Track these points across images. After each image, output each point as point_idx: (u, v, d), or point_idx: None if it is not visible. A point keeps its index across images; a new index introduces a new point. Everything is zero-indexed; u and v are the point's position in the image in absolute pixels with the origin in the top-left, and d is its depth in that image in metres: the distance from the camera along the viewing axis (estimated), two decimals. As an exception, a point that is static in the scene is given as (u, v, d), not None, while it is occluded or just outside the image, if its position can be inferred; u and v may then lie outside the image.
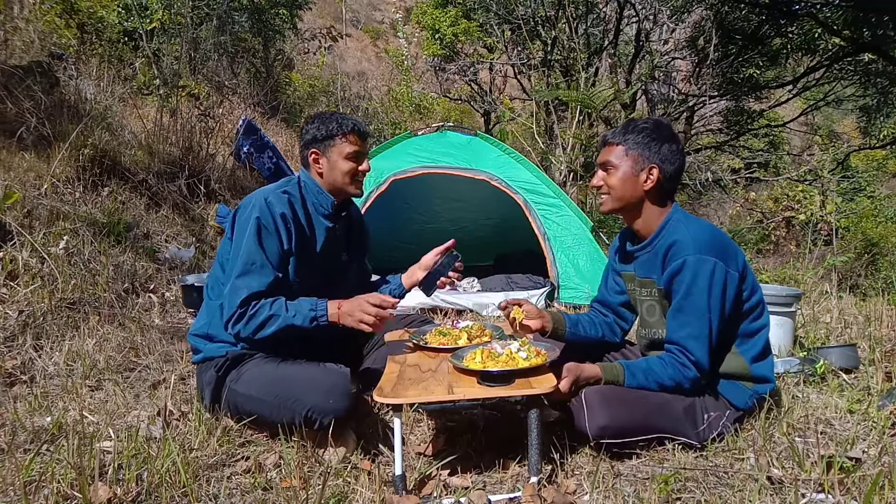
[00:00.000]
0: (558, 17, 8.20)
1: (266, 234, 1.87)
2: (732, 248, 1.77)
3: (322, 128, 2.01)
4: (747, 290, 1.80)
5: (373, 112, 10.21)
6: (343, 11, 19.71)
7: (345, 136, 2.01)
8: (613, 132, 1.87)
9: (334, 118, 2.03)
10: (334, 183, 2.04)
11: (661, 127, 1.85)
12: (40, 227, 3.27)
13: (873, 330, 3.05)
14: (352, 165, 2.02)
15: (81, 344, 2.61)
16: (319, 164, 2.03)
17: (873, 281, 6.76)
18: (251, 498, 1.55)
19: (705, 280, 1.69)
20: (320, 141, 2.01)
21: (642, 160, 1.81)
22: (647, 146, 1.81)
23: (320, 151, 2.02)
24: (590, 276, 3.87)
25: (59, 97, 4.59)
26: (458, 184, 4.23)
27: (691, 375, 1.73)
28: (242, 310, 1.82)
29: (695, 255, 1.69)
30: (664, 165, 1.80)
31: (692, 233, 1.74)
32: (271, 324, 1.82)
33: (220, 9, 7.42)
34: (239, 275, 1.83)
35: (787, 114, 11.42)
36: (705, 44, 8.02)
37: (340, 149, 2.01)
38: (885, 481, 1.46)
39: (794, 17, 7.42)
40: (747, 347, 1.82)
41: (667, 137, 1.82)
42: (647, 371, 1.76)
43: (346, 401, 1.71)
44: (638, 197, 1.84)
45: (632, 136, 1.82)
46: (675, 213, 1.83)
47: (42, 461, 1.64)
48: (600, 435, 1.67)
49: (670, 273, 1.74)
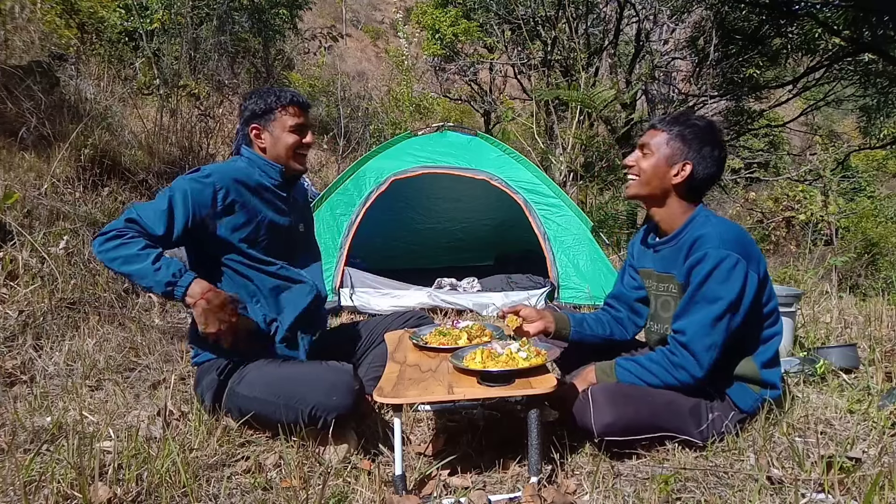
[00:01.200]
0: (558, 17, 8.20)
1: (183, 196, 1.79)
2: (756, 252, 1.75)
3: (261, 102, 1.98)
4: (766, 296, 1.78)
5: (373, 112, 10.20)
6: (343, 11, 19.71)
7: (284, 109, 1.98)
8: (662, 118, 1.86)
9: (272, 91, 2.00)
10: (277, 158, 2.01)
11: (712, 130, 1.82)
12: (40, 227, 3.27)
13: (873, 330, 3.05)
14: (295, 138, 2.00)
15: (81, 344, 2.61)
16: (262, 139, 2.00)
17: (873, 281, 6.75)
18: (251, 498, 1.54)
19: (725, 273, 1.66)
20: (260, 116, 1.99)
21: (680, 154, 1.79)
22: (690, 142, 1.79)
23: (261, 126, 1.99)
24: (590, 276, 3.87)
25: (59, 97, 4.59)
26: (458, 184, 4.23)
27: (682, 378, 1.70)
28: (120, 231, 1.70)
29: (718, 249, 1.67)
30: (699, 166, 1.79)
31: (718, 229, 1.72)
32: (131, 262, 1.67)
33: (220, 9, 7.42)
34: (139, 206, 1.76)
35: (787, 114, 11.42)
36: (705, 44, 8.02)
37: (282, 122, 1.98)
38: (885, 481, 1.46)
39: (794, 17, 7.42)
40: (759, 352, 1.81)
41: (713, 141, 1.80)
42: (640, 372, 1.76)
43: (349, 397, 1.71)
44: (663, 188, 1.82)
45: (679, 127, 1.81)
46: (701, 211, 1.82)
47: (42, 461, 1.64)
48: (605, 432, 1.66)
49: (690, 264, 1.71)
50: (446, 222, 5.19)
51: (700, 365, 1.69)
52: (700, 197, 1.86)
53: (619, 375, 1.78)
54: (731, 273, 1.66)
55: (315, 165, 8.19)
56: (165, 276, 1.69)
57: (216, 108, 6.11)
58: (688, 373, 1.70)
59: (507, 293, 3.91)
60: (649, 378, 1.74)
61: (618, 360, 1.82)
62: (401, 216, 4.92)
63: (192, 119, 5.33)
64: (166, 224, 1.77)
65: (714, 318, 1.67)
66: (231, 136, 6.25)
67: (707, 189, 1.86)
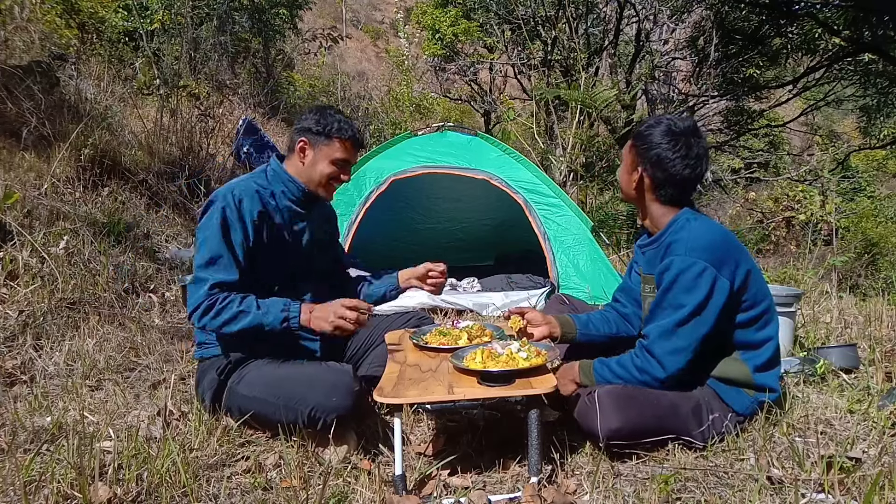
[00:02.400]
0: (558, 17, 8.20)
1: (230, 228, 1.84)
2: (733, 256, 1.73)
3: (322, 122, 1.97)
4: (749, 300, 1.76)
5: (373, 112, 10.21)
6: (343, 11, 19.73)
7: (341, 141, 1.98)
8: (639, 125, 1.91)
9: (336, 119, 1.99)
10: (310, 179, 2.01)
11: (677, 133, 1.78)
12: (40, 227, 3.27)
13: (873, 330, 3.05)
14: (335, 171, 2.00)
15: (81, 344, 2.61)
16: (304, 155, 1.99)
17: (873, 281, 6.76)
18: (251, 498, 1.55)
19: (689, 281, 1.67)
20: (314, 134, 1.98)
21: (634, 162, 1.85)
22: (639, 149, 1.83)
23: (311, 144, 1.99)
24: (590, 275, 3.87)
25: (60, 97, 4.59)
26: (458, 184, 4.23)
27: (646, 380, 1.72)
28: (210, 301, 1.77)
29: (684, 256, 1.68)
30: (654, 171, 1.80)
31: (692, 234, 1.73)
32: (240, 320, 1.78)
33: (221, 9, 7.43)
34: (204, 265, 1.80)
35: (787, 114, 11.42)
36: (705, 44, 8.02)
37: (331, 150, 1.98)
38: (885, 481, 1.46)
39: (794, 17, 7.42)
40: (751, 356, 1.80)
41: (669, 144, 1.77)
42: (611, 376, 1.77)
43: (349, 399, 1.71)
44: (632, 194, 1.89)
45: (642, 133, 1.84)
46: (683, 214, 1.82)
47: (42, 461, 1.64)
48: (612, 437, 1.66)
49: (660, 270, 1.75)
50: (446, 222, 5.19)
51: (663, 368, 1.70)
52: (681, 199, 1.84)
53: (596, 378, 1.80)
54: (696, 281, 1.67)
55: (315, 165, 8.18)
56: (276, 316, 1.79)
57: (216, 108, 6.11)
58: (650, 376, 1.72)
59: (507, 293, 3.90)
60: (620, 382, 1.76)
61: (595, 363, 1.83)
62: (401, 216, 4.92)
63: (192, 119, 5.33)
64: (235, 265, 1.83)
65: (676, 323, 1.69)
66: (231, 135, 6.25)
67: (685, 190, 1.82)
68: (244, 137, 6.11)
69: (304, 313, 1.82)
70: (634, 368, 1.74)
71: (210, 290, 1.78)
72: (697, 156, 1.79)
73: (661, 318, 1.72)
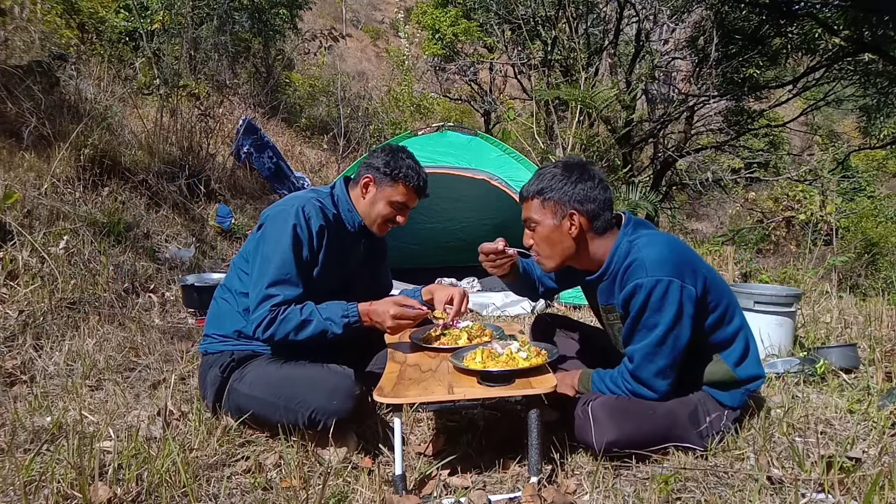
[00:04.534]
0: (558, 16, 8.20)
1: (301, 245, 1.88)
2: (689, 262, 1.72)
3: (391, 164, 2.00)
4: (713, 301, 1.75)
5: (373, 112, 10.21)
6: (343, 11, 19.74)
7: (406, 187, 2.01)
8: (527, 185, 1.83)
9: (406, 164, 2.01)
10: (366, 215, 2.05)
11: (570, 167, 1.79)
12: (40, 227, 3.27)
13: (873, 330, 3.05)
14: (391, 213, 2.04)
15: (81, 344, 2.61)
16: (367, 190, 2.03)
17: (873, 281, 6.76)
18: (251, 498, 1.55)
19: (658, 300, 1.65)
20: (382, 174, 2.01)
21: (561, 209, 1.76)
22: (560, 192, 1.76)
23: (376, 182, 2.02)
24: (590, 276, 3.87)
25: (60, 97, 4.59)
26: (458, 184, 4.23)
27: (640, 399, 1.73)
28: (273, 315, 1.81)
29: (647, 278, 1.65)
30: (585, 206, 1.76)
31: (646, 252, 1.68)
32: (305, 328, 1.81)
33: (221, 9, 7.42)
34: (273, 283, 1.83)
35: (787, 114, 11.41)
36: (705, 44, 8.02)
37: (393, 192, 2.01)
38: (885, 481, 1.46)
39: (794, 17, 7.42)
40: (727, 353, 1.80)
41: (578, 177, 1.76)
42: (610, 390, 1.78)
43: (349, 402, 1.71)
44: (571, 248, 1.80)
45: (543, 184, 1.78)
46: (623, 236, 1.78)
47: (42, 461, 1.64)
48: (608, 450, 1.66)
49: (625, 297, 1.71)
50: (446, 222, 5.19)
51: (654, 390, 1.72)
52: (610, 222, 1.81)
53: (594, 391, 1.81)
54: (664, 299, 1.65)
55: (315, 165, 8.20)
56: (338, 320, 1.82)
57: (216, 108, 6.11)
58: (643, 398, 1.74)
59: (507, 293, 3.91)
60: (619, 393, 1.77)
61: (594, 375, 1.85)
62: (401, 216, 4.92)
63: (192, 119, 5.33)
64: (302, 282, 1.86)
65: (656, 343, 1.68)
66: (231, 135, 6.25)
67: (610, 213, 1.81)
68: (244, 137, 6.12)
69: (361, 310, 1.85)
70: (628, 392, 1.75)
71: (274, 307, 1.82)
72: (601, 177, 1.81)
73: (639, 340, 1.71)
